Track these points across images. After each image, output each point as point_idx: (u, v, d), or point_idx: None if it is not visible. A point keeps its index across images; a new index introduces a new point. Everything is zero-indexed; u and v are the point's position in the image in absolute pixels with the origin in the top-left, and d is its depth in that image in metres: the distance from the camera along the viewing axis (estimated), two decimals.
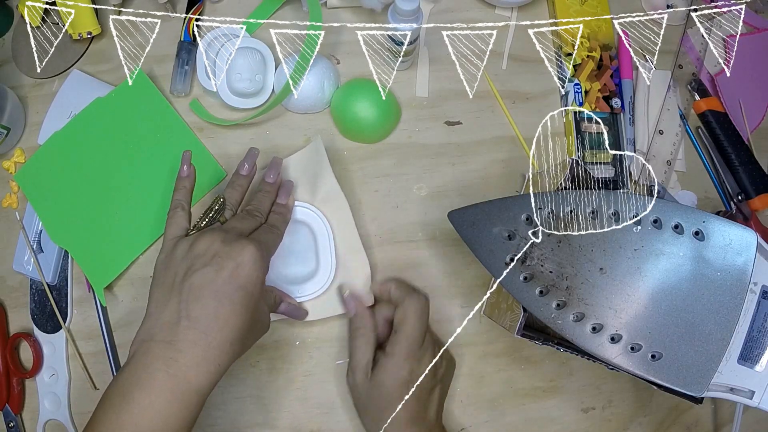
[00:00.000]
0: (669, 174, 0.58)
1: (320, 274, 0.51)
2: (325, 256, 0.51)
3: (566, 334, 0.40)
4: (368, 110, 0.54)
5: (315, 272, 0.51)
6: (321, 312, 0.51)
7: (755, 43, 0.63)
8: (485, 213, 0.43)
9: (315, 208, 0.52)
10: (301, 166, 0.53)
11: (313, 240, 0.51)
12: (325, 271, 0.51)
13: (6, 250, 0.55)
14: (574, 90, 0.57)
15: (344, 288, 0.50)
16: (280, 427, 0.52)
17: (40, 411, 0.53)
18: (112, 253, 0.53)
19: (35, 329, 0.54)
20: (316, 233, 0.52)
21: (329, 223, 0.52)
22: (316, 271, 0.51)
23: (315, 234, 0.52)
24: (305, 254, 0.51)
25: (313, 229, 0.52)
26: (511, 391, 0.53)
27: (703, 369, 0.37)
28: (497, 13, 0.61)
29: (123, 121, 0.54)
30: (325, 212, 0.52)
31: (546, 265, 0.41)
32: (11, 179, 0.56)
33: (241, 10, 0.60)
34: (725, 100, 0.60)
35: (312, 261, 0.51)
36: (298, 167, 0.53)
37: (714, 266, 0.38)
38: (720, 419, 0.55)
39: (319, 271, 0.51)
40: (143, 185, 0.54)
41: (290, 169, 0.53)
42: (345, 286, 0.50)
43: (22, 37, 0.60)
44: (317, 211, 0.52)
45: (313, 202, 0.52)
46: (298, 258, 0.51)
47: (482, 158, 0.57)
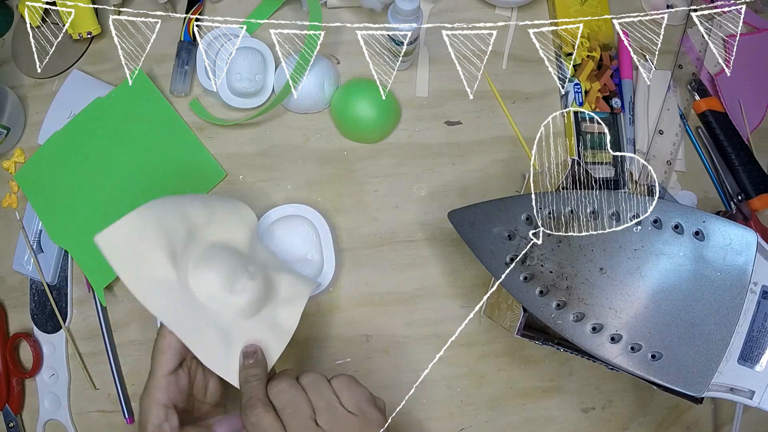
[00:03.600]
0: (669, 174, 0.58)
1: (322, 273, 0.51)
2: (327, 255, 0.51)
3: (566, 334, 0.40)
4: (368, 110, 0.54)
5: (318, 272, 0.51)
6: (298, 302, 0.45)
7: (755, 43, 0.63)
8: (485, 213, 0.43)
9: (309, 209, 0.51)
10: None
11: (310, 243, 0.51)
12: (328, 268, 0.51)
13: (6, 250, 0.55)
14: (574, 90, 0.57)
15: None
16: None
17: (39, 411, 0.53)
18: None
19: (35, 329, 0.54)
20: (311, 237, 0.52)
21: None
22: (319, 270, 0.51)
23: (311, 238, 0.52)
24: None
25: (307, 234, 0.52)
26: (511, 391, 0.53)
27: (703, 369, 0.37)
28: (497, 13, 0.61)
29: (123, 121, 0.54)
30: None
31: (546, 265, 0.41)
32: (11, 179, 0.56)
33: (241, 10, 0.60)
34: (725, 100, 0.60)
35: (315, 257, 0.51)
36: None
37: (714, 266, 0.38)
38: (720, 419, 0.55)
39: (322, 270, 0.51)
40: (143, 185, 0.54)
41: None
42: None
43: (22, 37, 0.60)
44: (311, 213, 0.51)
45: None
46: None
47: (482, 158, 0.57)
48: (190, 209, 0.43)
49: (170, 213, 0.41)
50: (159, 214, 0.40)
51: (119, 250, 0.38)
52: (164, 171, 0.54)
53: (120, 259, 0.38)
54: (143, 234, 0.39)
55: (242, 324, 0.41)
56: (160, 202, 0.41)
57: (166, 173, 0.54)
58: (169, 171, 0.54)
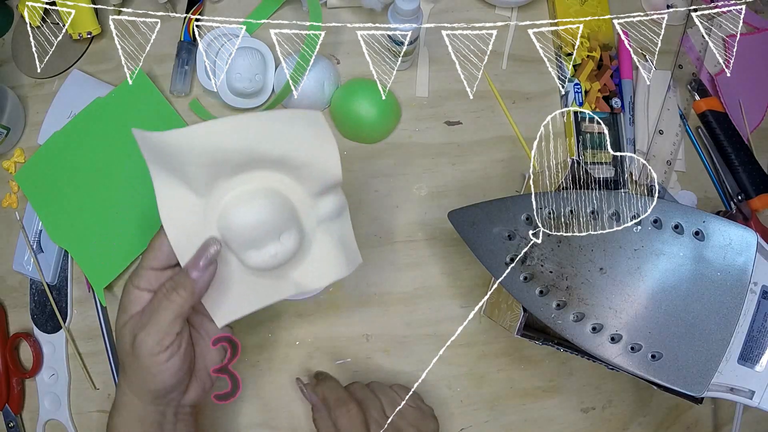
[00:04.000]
0: (669, 174, 0.58)
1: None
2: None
3: (566, 334, 0.40)
4: (368, 110, 0.54)
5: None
6: (325, 278, 0.43)
7: (755, 43, 0.63)
8: (485, 213, 0.43)
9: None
10: (296, 140, 0.37)
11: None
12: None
13: (6, 250, 0.55)
14: (574, 90, 0.57)
15: (299, 380, 0.48)
16: (280, 427, 0.52)
17: (39, 411, 0.53)
18: (112, 253, 0.53)
19: (35, 329, 0.54)
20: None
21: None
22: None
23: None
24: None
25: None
26: (511, 391, 0.53)
27: (703, 369, 0.37)
28: (497, 13, 0.61)
29: (123, 121, 0.54)
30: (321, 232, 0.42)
31: (546, 265, 0.41)
32: (11, 179, 0.56)
33: (241, 10, 0.60)
34: (725, 100, 0.60)
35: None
36: (292, 140, 0.37)
37: (714, 266, 0.38)
38: (720, 419, 0.55)
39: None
40: (143, 185, 0.54)
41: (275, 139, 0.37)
42: (300, 379, 0.48)
43: (22, 37, 0.60)
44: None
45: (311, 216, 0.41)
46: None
47: (482, 158, 0.57)
48: (264, 143, 0.36)
49: (234, 141, 0.36)
50: (222, 138, 0.35)
51: (155, 152, 0.35)
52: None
53: (154, 163, 0.36)
54: (189, 148, 0.35)
55: (249, 275, 0.40)
56: (240, 123, 0.35)
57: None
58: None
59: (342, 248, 0.42)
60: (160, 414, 0.39)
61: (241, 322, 0.52)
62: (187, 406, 0.41)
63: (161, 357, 0.36)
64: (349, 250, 0.43)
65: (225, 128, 0.35)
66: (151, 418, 0.38)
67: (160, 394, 0.38)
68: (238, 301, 0.40)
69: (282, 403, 0.52)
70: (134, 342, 0.36)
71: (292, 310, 0.53)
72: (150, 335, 0.35)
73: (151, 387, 0.37)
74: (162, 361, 0.36)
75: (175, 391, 0.38)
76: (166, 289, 0.36)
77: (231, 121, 0.35)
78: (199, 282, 0.36)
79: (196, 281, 0.36)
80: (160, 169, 0.36)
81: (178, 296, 0.35)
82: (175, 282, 0.36)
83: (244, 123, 0.35)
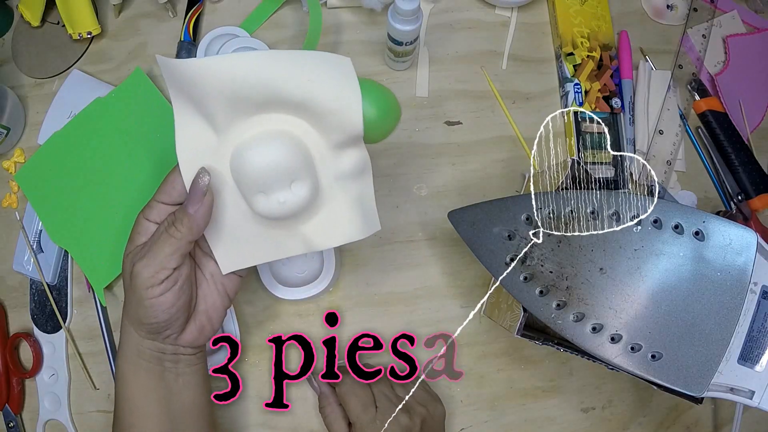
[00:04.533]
0: (669, 174, 0.58)
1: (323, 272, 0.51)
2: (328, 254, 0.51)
3: (566, 334, 0.40)
4: (368, 110, 0.54)
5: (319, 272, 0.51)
6: (336, 237, 0.41)
7: (755, 43, 0.63)
8: (485, 213, 0.43)
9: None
10: (326, 85, 0.35)
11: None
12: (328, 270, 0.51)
13: (6, 250, 0.55)
14: (574, 90, 0.57)
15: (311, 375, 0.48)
16: (280, 427, 0.52)
17: (40, 411, 0.53)
18: (112, 253, 0.53)
19: (35, 329, 0.54)
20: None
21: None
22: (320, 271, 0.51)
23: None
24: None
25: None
26: (511, 391, 0.53)
27: (703, 369, 0.37)
28: (497, 13, 0.61)
29: (123, 121, 0.54)
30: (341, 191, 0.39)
31: (546, 265, 0.41)
32: (11, 179, 0.56)
33: (241, 10, 0.60)
34: (725, 100, 0.60)
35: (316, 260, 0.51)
36: (323, 85, 0.35)
37: (714, 266, 0.38)
38: (720, 419, 0.55)
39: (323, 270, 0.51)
40: (143, 185, 0.54)
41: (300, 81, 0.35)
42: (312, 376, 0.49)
43: (22, 37, 0.60)
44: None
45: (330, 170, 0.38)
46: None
47: (482, 158, 0.57)
48: (288, 82, 0.34)
49: (258, 77, 0.34)
50: (246, 72, 0.34)
51: (179, 81, 0.34)
52: (164, 171, 0.54)
53: (177, 93, 0.35)
54: (212, 79, 0.34)
55: (259, 225, 0.39)
56: (267, 58, 0.34)
57: (166, 173, 0.54)
58: (169, 171, 0.54)
59: (359, 209, 0.40)
60: (159, 350, 0.39)
61: (241, 322, 0.53)
62: (189, 349, 0.40)
63: (155, 290, 0.36)
64: (368, 214, 0.40)
65: (250, 62, 0.34)
66: (149, 353, 0.39)
67: (153, 329, 0.37)
68: (244, 251, 0.39)
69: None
70: (132, 271, 0.36)
71: (292, 310, 0.53)
72: (146, 267, 0.35)
73: (144, 320, 0.37)
74: (155, 294, 0.36)
75: (169, 329, 0.38)
76: (167, 223, 0.36)
77: (257, 56, 0.34)
78: (196, 216, 0.35)
79: (193, 216, 0.35)
80: (181, 100, 0.35)
81: (176, 230, 0.35)
82: (175, 216, 0.36)
83: (270, 58, 0.34)
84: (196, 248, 0.40)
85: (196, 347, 0.41)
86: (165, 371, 0.39)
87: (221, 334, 0.50)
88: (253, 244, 0.39)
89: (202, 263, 0.40)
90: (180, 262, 0.36)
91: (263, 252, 0.40)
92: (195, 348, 0.41)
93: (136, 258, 0.36)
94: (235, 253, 0.39)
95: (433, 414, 0.46)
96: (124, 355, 0.39)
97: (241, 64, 0.33)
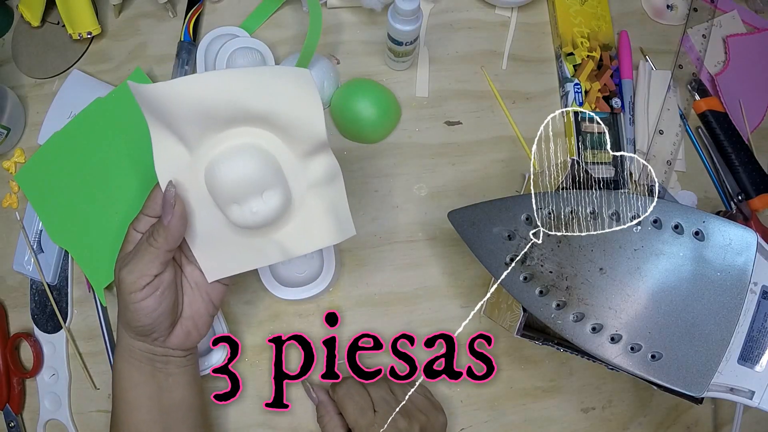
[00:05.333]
0: (669, 174, 0.58)
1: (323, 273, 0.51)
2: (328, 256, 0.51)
3: (566, 334, 0.40)
4: (368, 110, 0.54)
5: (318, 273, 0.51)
6: (312, 243, 0.42)
7: (755, 43, 0.63)
8: (485, 213, 0.43)
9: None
10: (283, 99, 0.37)
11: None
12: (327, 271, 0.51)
13: (6, 250, 0.55)
14: (574, 90, 0.57)
15: (306, 383, 0.49)
16: (280, 427, 0.52)
17: (40, 411, 0.53)
18: (112, 253, 0.52)
19: (35, 329, 0.54)
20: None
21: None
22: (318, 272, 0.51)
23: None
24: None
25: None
26: (511, 391, 0.53)
27: (703, 369, 0.37)
28: (497, 13, 0.61)
29: (123, 121, 0.54)
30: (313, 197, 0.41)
31: (546, 265, 0.41)
32: (11, 179, 0.56)
33: (241, 10, 0.60)
34: (725, 100, 0.60)
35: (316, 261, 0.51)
36: (279, 99, 0.37)
37: (714, 266, 0.38)
38: (720, 419, 0.55)
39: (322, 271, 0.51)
40: (143, 185, 0.54)
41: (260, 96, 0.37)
42: (306, 382, 0.49)
43: (22, 37, 0.60)
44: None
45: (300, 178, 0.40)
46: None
47: (482, 158, 0.57)
48: (249, 97, 0.36)
49: (220, 95, 0.36)
50: (209, 91, 0.36)
51: (151, 104, 0.36)
52: None
53: (150, 115, 0.37)
54: (179, 100, 0.36)
55: (239, 235, 0.41)
56: (226, 76, 0.36)
57: None
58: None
59: (333, 215, 0.41)
60: (149, 351, 0.41)
61: (241, 321, 0.53)
62: (179, 351, 0.42)
63: (138, 295, 0.38)
64: (342, 219, 0.42)
65: (211, 81, 0.35)
66: (139, 353, 0.41)
67: (140, 332, 0.40)
68: (227, 260, 0.41)
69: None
70: (119, 277, 0.39)
71: (292, 310, 0.53)
72: (130, 273, 0.38)
73: (131, 323, 0.39)
74: (137, 299, 0.38)
75: (155, 332, 0.40)
76: (148, 233, 0.39)
77: (217, 74, 0.36)
78: (170, 227, 0.37)
79: (168, 226, 0.37)
80: (155, 121, 0.37)
81: (154, 240, 0.38)
82: (154, 228, 0.38)
83: (229, 76, 0.36)
84: (182, 257, 0.42)
85: (185, 350, 0.43)
86: (156, 370, 0.42)
87: (221, 334, 0.50)
88: (234, 253, 0.41)
89: (186, 272, 0.42)
90: (160, 270, 0.38)
91: (245, 260, 0.42)
92: (184, 350, 0.43)
93: (122, 264, 0.39)
94: (219, 262, 0.41)
95: (433, 423, 0.46)
96: (118, 353, 0.42)
97: (205, 85, 0.35)
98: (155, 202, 0.39)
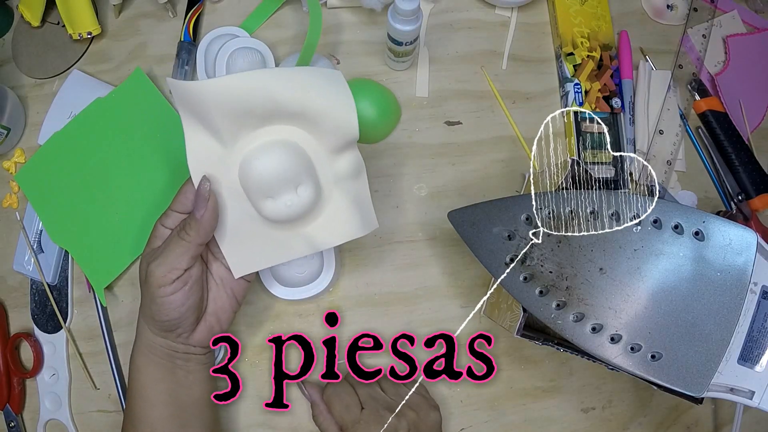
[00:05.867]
0: (669, 174, 0.58)
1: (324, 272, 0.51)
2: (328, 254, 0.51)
3: (566, 334, 0.40)
4: (368, 110, 0.54)
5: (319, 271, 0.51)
6: (338, 235, 0.43)
7: (755, 43, 0.63)
8: (485, 213, 0.43)
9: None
10: (321, 98, 0.39)
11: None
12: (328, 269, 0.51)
13: (6, 250, 0.55)
14: (574, 90, 0.57)
15: (303, 383, 0.50)
16: (280, 427, 0.52)
17: (40, 411, 0.53)
18: (112, 253, 0.53)
19: (36, 329, 0.54)
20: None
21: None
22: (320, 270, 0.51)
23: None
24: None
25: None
26: (511, 391, 0.53)
27: (703, 369, 0.37)
28: (497, 13, 0.61)
29: (123, 121, 0.54)
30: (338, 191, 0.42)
31: (546, 265, 0.41)
32: (11, 179, 0.56)
33: (241, 10, 0.60)
34: (725, 100, 0.60)
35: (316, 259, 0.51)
36: (317, 96, 0.39)
37: (714, 266, 0.38)
38: (720, 419, 0.55)
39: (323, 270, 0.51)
40: (143, 185, 0.54)
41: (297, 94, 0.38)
42: (301, 382, 0.50)
43: (22, 37, 0.60)
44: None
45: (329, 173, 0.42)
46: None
47: (482, 158, 0.57)
48: (285, 96, 0.38)
49: (258, 92, 0.37)
50: (247, 89, 0.37)
51: (187, 101, 0.37)
52: (164, 171, 0.54)
53: (186, 111, 0.38)
54: (218, 98, 0.37)
55: (266, 228, 0.42)
56: (263, 76, 0.37)
57: (166, 173, 0.54)
58: (169, 171, 0.54)
59: (358, 208, 0.43)
60: (171, 348, 0.42)
61: (241, 322, 0.53)
62: (200, 349, 0.43)
63: (166, 289, 0.38)
64: (365, 213, 0.44)
65: (249, 80, 0.37)
66: (160, 350, 0.42)
67: (165, 327, 0.40)
68: (254, 256, 0.42)
69: None
70: (147, 270, 0.39)
71: (292, 310, 0.54)
72: (159, 266, 0.38)
73: (156, 317, 0.40)
74: (166, 293, 0.39)
75: (179, 327, 0.40)
76: (178, 227, 0.39)
77: (255, 74, 0.37)
78: (203, 221, 0.38)
79: (200, 220, 0.38)
80: (190, 118, 0.38)
81: (186, 234, 0.38)
82: (186, 222, 0.39)
83: (267, 76, 0.37)
84: (208, 254, 0.43)
85: (206, 347, 0.43)
86: (176, 367, 0.42)
87: (221, 334, 0.50)
88: (262, 249, 0.43)
89: (212, 268, 0.43)
90: (190, 264, 0.39)
91: (271, 255, 0.43)
92: (205, 348, 0.43)
93: (150, 259, 0.39)
94: (246, 257, 0.42)
95: (424, 419, 0.46)
96: (137, 348, 0.42)
97: (242, 84, 0.37)
98: (186, 197, 0.40)
